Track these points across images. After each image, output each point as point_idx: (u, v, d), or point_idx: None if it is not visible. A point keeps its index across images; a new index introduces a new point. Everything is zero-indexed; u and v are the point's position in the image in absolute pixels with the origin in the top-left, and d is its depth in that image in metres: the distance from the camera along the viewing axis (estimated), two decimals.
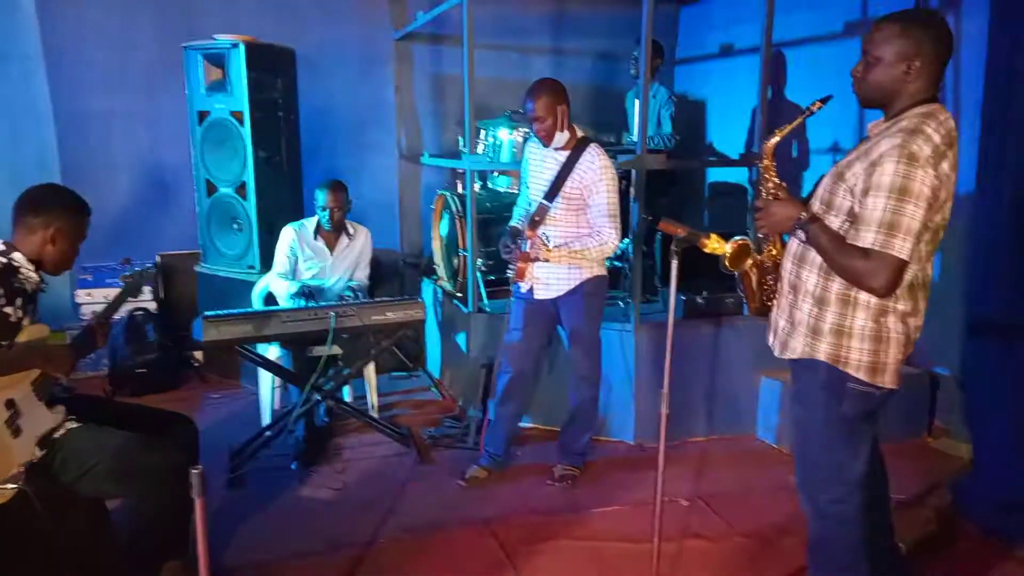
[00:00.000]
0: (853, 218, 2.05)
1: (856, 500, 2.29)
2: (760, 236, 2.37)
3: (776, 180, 2.28)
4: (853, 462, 2.25)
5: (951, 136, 2.03)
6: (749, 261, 2.36)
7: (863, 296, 2.10)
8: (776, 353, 2.34)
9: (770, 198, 2.26)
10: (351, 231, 4.19)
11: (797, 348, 2.24)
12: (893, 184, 1.93)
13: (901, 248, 1.95)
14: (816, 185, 2.28)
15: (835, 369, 2.15)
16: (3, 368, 2.32)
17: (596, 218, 3.27)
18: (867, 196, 1.98)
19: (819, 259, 2.15)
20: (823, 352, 2.17)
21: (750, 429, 4.14)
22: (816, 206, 2.18)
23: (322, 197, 4.01)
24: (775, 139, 2.33)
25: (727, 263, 2.35)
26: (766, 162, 2.30)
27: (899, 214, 1.93)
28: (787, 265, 2.29)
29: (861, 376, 2.14)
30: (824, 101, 2.23)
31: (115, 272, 4.97)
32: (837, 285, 2.13)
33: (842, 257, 2.04)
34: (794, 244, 2.27)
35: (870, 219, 1.97)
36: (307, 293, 3.89)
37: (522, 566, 2.91)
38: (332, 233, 4.13)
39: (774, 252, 2.37)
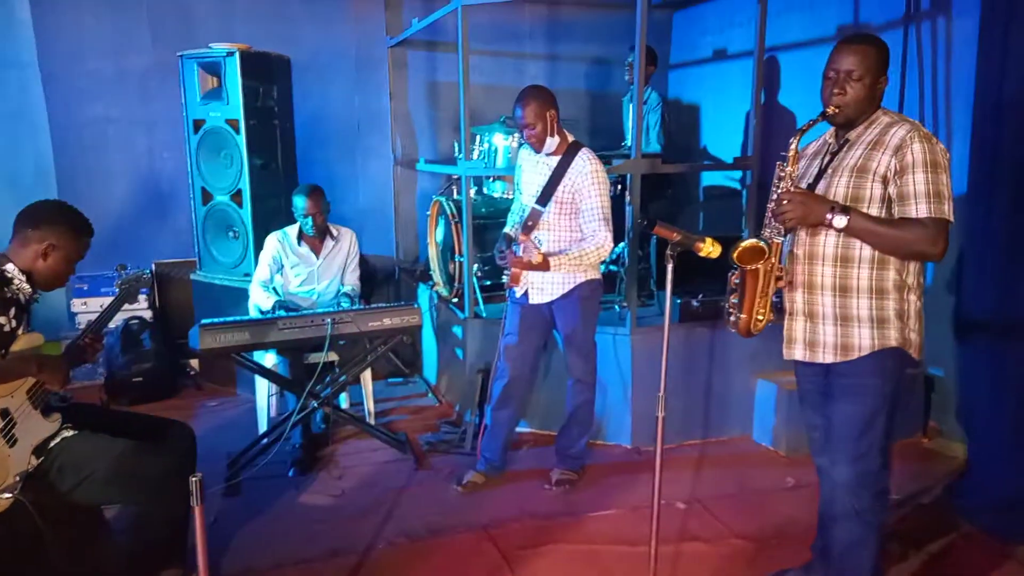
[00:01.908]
0: (887, 203, 2.22)
1: (888, 491, 2.43)
2: (766, 233, 2.34)
3: (795, 179, 2.33)
4: (888, 448, 2.37)
5: None
6: (761, 263, 2.31)
7: (911, 279, 2.29)
8: (829, 360, 2.35)
9: (790, 191, 2.28)
10: (335, 234, 4.18)
11: (865, 344, 2.29)
12: (925, 160, 2.16)
13: (949, 212, 2.17)
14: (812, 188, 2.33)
15: (898, 352, 2.28)
16: None
17: (589, 222, 3.28)
18: (904, 176, 2.18)
19: (866, 253, 2.25)
20: (894, 339, 2.27)
21: (746, 431, 4.15)
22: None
23: (300, 203, 3.99)
24: (799, 137, 2.29)
25: (737, 258, 2.29)
26: (792, 153, 2.29)
27: (938, 184, 2.16)
28: (824, 270, 2.32)
29: (915, 354, 2.31)
30: (836, 110, 2.29)
31: (111, 281, 4.97)
32: (892, 273, 2.26)
33: (899, 230, 2.18)
34: (828, 248, 2.30)
35: (917, 193, 2.16)
36: (283, 308, 3.86)
37: (520, 570, 2.91)
38: (316, 238, 4.12)
39: (773, 260, 2.34)
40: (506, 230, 3.59)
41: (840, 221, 2.20)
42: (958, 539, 3.08)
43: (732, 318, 2.44)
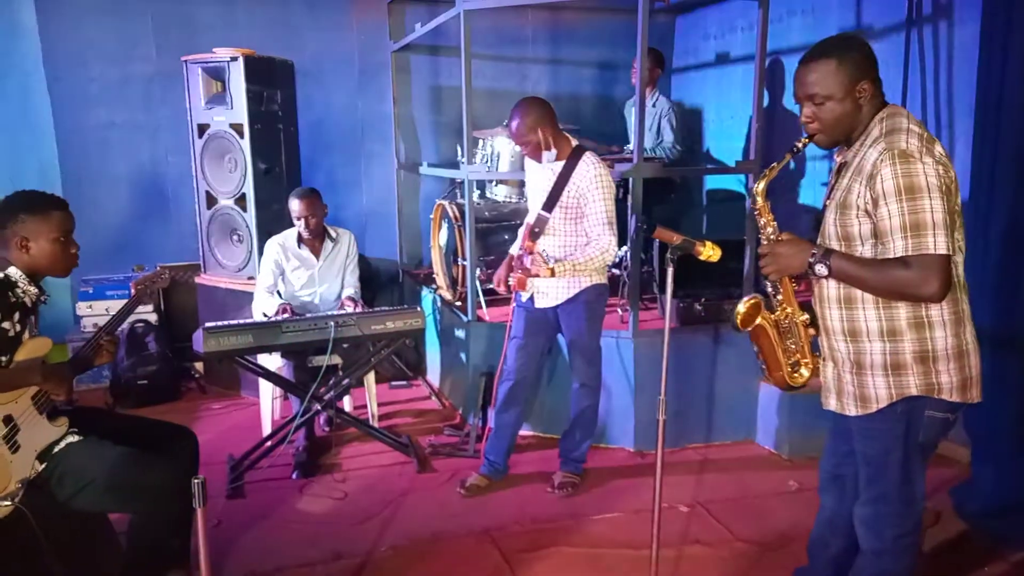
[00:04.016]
0: (879, 237, 1.98)
1: (919, 531, 2.24)
2: (770, 290, 2.24)
3: (774, 225, 2.16)
4: (923, 492, 2.19)
5: (922, 124, 2.03)
6: (760, 318, 2.21)
7: (935, 312, 2.00)
8: (852, 413, 2.15)
9: (771, 242, 2.15)
10: (334, 235, 4.20)
11: (882, 395, 2.07)
12: (897, 187, 1.89)
13: (936, 244, 1.87)
14: (815, 229, 2.21)
15: (916, 399, 2.05)
16: (2, 386, 2.33)
17: (594, 226, 3.29)
18: (878, 208, 1.93)
19: (870, 295, 2.04)
20: (914, 385, 2.04)
21: (750, 435, 4.15)
22: (834, 246, 2.09)
23: (294, 206, 4.01)
24: (763, 183, 2.18)
25: (739, 323, 2.20)
26: (759, 203, 2.17)
27: (916, 212, 1.88)
28: (832, 314, 2.14)
29: (954, 398, 2.04)
30: (810, 139, 2.14)
31: (117, 284, 5.00)
32: (904, 311, 2.02)
33: (882, 274, 1.95)
34: (831, 289, 2.13)
35: (892, 227, 1.91)
36: (287, 311, 3.86)
37: (522, 573, 2.92)
38: (315, 240, 4.14)
39: (788, 310, 2.22)
40: (517, 244, 3.59)
41: (821, 270, 2.03)
42: (957, 541, 3.09)
43: (767, 377, 2.34)
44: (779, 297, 2.23)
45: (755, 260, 2.69)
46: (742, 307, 2.20)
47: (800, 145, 2.14)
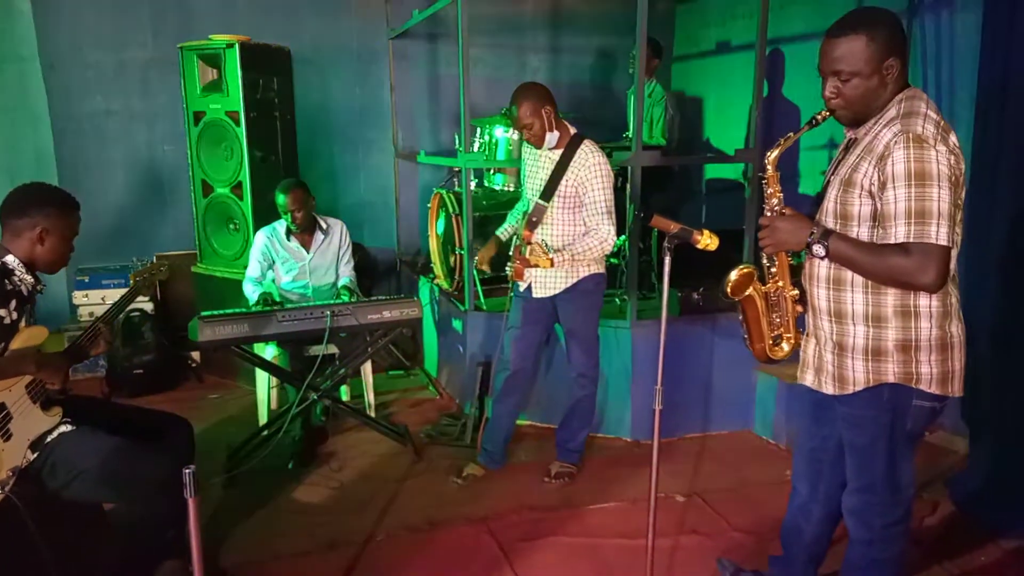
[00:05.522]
0: (879, 220, 1.95)
1: (909, 519, 2.24)
2: (765, 262, 2.24)
3: (780, 197, 2.14)
4: (911, 480, 2.19)
5: (939, 111, 1.99)
6: (751, 288, 2.22)
7: (923, 302, 1.99)
8: (829, 391, 2.16)
9: (774, 214, 2.13)
10: (324, 226, 4.15)
11: (859, 378, 2.08)
12: (908, 171, 1.85)
13: (938, 234, 1.84)
14: (816, 203, 2.19)
15: (900, 388, 2.04)
16: None
17: (592, 216, 3.27)
18: (885, 190, 1.89)
19: (859, 277, 2.02)
20: (892, 373, 2.03)
21: (747, 425, 4.14)
22: (830, 223, 2.07)
23: (281, 200, 3.94)
24: (777, 152, 2.13)
25: (728, 291, 2.21)
26: (770, 172, 2.14)
27: (923, 199, 1.84)
28: (820, 293, 2.14)
29: (933, 389, 2.03)
30: (831, 114, 2.10)
31: (112, 274, 4.98)
32: (892, 298, 2.00)
33: (879, 260, 1.92)
34: (822, 269, 2.12)
35: (897, 212, 1.87)
36: (267, 303, 3.85)
37: (519, 563, 2.91)
38: (304, 232, 4.10)
39: (780, 284, 2.22)
40: (505, 227, 3.58)
41: (818, 251, 2.01)
42: (953, 530, 3.09)
43: (748, 347, 2.35)
44: (773, 270, 2.23)
45: (754, 248, 2.68)
46: (734, 275, 2.21)
47: (819, 118, 2.09)
